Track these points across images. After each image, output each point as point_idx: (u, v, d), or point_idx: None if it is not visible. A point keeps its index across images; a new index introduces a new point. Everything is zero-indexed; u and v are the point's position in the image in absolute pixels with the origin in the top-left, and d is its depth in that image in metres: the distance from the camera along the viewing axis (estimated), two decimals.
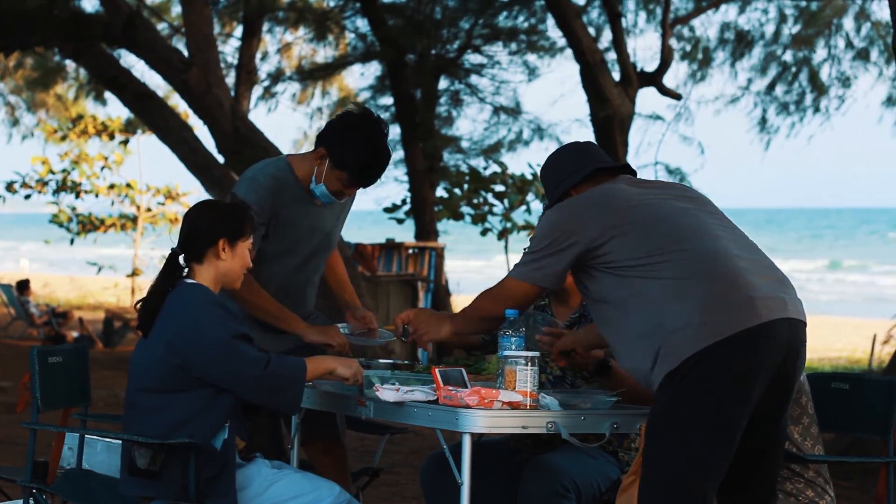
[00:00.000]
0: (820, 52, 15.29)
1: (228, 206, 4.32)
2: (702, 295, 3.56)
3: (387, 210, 16.41)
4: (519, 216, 15.61)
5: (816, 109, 15.32)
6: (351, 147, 4.56)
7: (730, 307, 3.53)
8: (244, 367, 3.98)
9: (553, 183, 3.99)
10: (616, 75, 13.55)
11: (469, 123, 17.05)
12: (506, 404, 3.82)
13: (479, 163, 16.34)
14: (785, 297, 3.61)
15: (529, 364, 3.87)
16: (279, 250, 4.71)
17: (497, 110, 16.76)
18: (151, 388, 4.07)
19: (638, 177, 3.98)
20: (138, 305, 4.18)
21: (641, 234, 3.67)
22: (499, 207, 15.48)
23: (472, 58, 16.60)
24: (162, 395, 4.05)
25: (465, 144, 16.72)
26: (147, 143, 27.16)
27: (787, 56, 15.38)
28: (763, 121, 15.50)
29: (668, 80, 14.28)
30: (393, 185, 17.12)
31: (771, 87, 15.45)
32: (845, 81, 15.19)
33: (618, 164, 3.99)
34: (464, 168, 16.26)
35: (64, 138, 24.81)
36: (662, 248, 3.63)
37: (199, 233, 4.18)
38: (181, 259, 4.18)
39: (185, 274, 4.18)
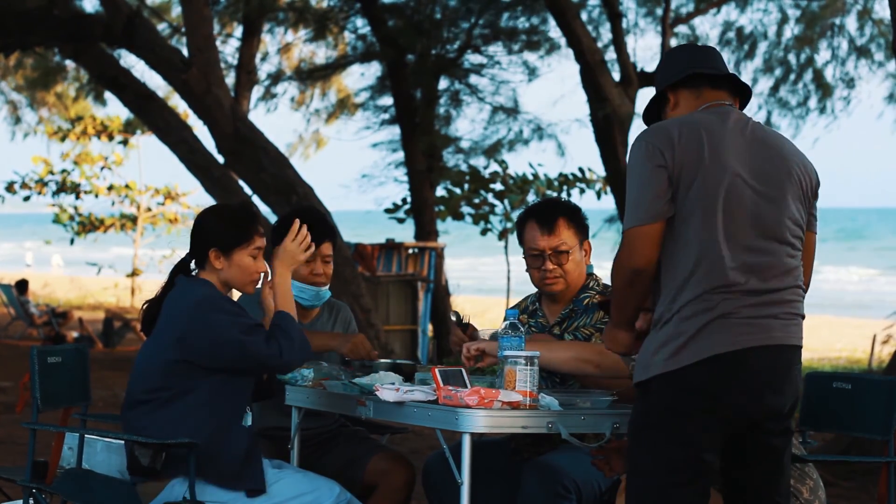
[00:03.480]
0: (823, 53, 15.29)
1: (227, 212, 4.29)
2: (685, 308, 3.50)
3: (387, 211, 16.41)
4: None
5: (822, 111, 15.31)
6: (283, 226, 4.72)
7: (706, 331, 3.48)
8: (266, 358, 4.06)
9: (658, 78, 3.76)
10: (616, 75, 13.54)
11: (469, 123, 17.05)
12: (506, 404, 3.82)
13: (479, 162, 16.34)
14: (773, 324, 3.53)
15: (529, 364, 3.87)
16: None
17: (496, 110, 16.75)
18: (157, 387, 4.08)
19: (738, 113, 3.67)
20: (145, 306, 4.20)
21: (696, 200, 3.50)
22: (499, 207, 15.47)
23: (472, 58, 16.60)
24: (168, 391, 4.06)
25: (464, 144, 16.72)
26: (147, 143, 27.18)
27: (790, 56, 15.36)
28: (767, 123, 15.49)
29: None
30: (393, 186, 17.13)
31: (775, 89, 15.44)
32: (850, 82, 15.18)
33: (721, 74, 3.69)
34: (464, 168, 16.25)
35: (64, 138, 24.84)
36: (691, 228, 3.50)
37: (197, 242, 4.22)
38: (192, 264, 4.22)
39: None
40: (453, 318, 4.54)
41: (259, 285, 4.31)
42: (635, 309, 3.64)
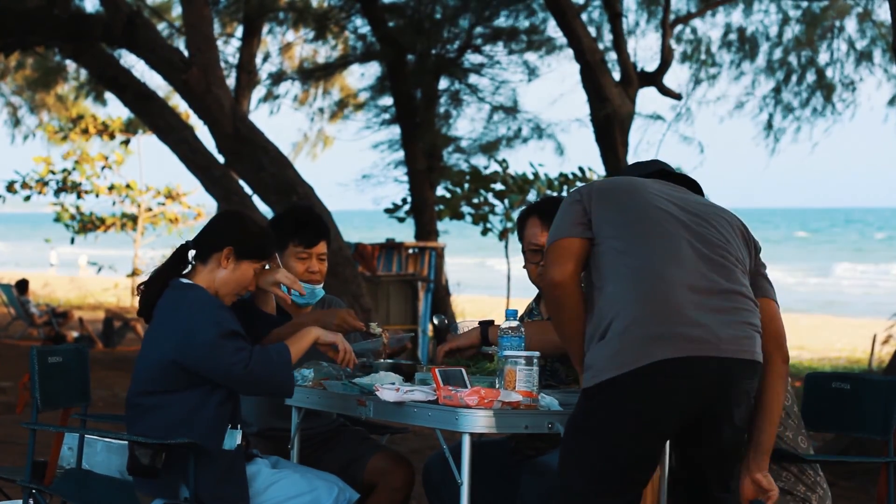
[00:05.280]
0: (823, 55, 15.28)
1: (255, 225, 4.29)
2: (627, 321, 3.54)
3: (387, 210, 16.41)
4: None
5: (822, 113, 15.29)
6: (278, 225, 4.84)
7: (646, 339, 3.51)
8: (229, 366, 3.99)
9: None
10: (616, 75, 13.54)
11: (469, 123, 17.07)
12: (506, 404, 3.81)
13: (479, 161, 16.34)
14: (720, 335, 3.54)
15: (529, 364, 3.87)
16: None
17: (496, 109, 16.75)
18: (150, 390, 4.07)
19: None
20: (140, 289, 4.20)
21: (621, 227, 3.68)
22: (499, 207, 15.46)
23: (472, 58, 16.60)
24: (161, 395, 4.05)
25: (464, 144, 16.72)
26: (147, 143, 27.20)
27: (791, 58, 15.36)
28: (769, 125, 15.47)
29: (670, 80, 14.26)
30: (393, 185, 17.13)
31: (777, 91, 15.43)
32: (850, 85, 15.17)
33: (678, 174, 3.96)
34: (464, 167, 16.24)
35: (65, 138, 24.84)
36: (624, 246, 3.65)
37: (213, 234, 4.20)
38: (191, 254, 4.20)
39: (187, 270, 4.19)
40: (435, 323, 4.61)
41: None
42: (575, 336, 3.71)
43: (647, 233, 3.64)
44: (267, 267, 4.29)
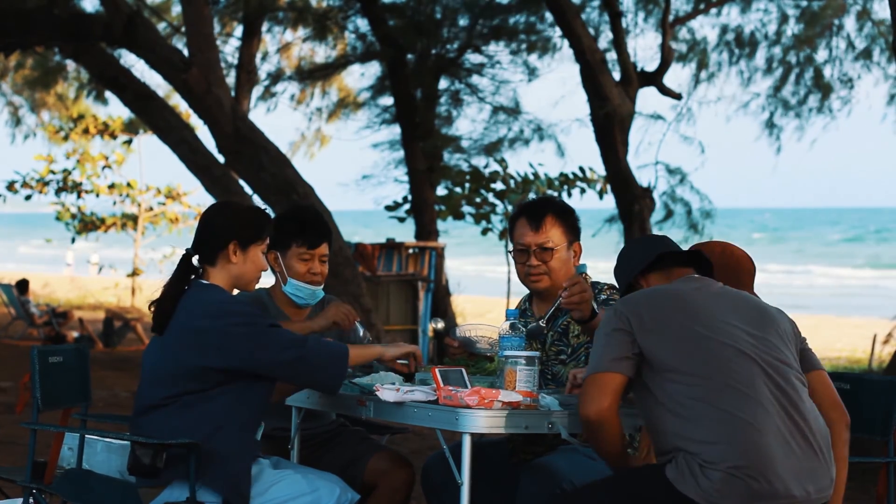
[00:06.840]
0: (822, 53, 15.29)
1: (243, 208, 4.30)
2: (724, 465, 3.46)
3: (388, 208, 16.40)
4: None
5: (820, 111, 15.30)
6: (281, 225, 4.82)
7: (747, 492, 3.45)
8: (281, 350, 4.01)
9: (622, 273, 3.91)
10: (616, 75, 13.55)
11: (469, 123, 17.04)
12: (506, 404, 3.81)
13: (479, 161, 16.34)
14: (809, 488, 3.52)
15: (529, 364, 3.87)
16: None
17: (497, 110, 16.75)
18: (174, 393, 4.06)
19: (704, 274, 3.83)
20: (152, 307, 4.18)
21: (689, 367, 3.56)
22: (500, 207, 15.47)
23: (472, 58, 16.60)
24: (186, 397, 4.05)
25: (465, 144, 16.72)
26: (148, 143, 27.20)
27: (790, 57, 15.36)
28: (770, 124, 15.47)
29: (670, 80, 14.26)
30: (393, 185, 17.13)
31: (776, 90, 15.44)
32: (848, 83, 15.18)
33: (687, 251, 3.90)
34: (464, 167, 16.24)
35: (66, 138, 24.85)
36: (703, 393, 3.54)
37: (210, 235, 4.19)
38: (195, 260, 4.19)
39: (199, 274, 4.19)
40: (434, 326, 4.60)
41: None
42: (616, 458, 3.67)
43: (721, 375, 3.54)
44: (267, 244, 4.28)
